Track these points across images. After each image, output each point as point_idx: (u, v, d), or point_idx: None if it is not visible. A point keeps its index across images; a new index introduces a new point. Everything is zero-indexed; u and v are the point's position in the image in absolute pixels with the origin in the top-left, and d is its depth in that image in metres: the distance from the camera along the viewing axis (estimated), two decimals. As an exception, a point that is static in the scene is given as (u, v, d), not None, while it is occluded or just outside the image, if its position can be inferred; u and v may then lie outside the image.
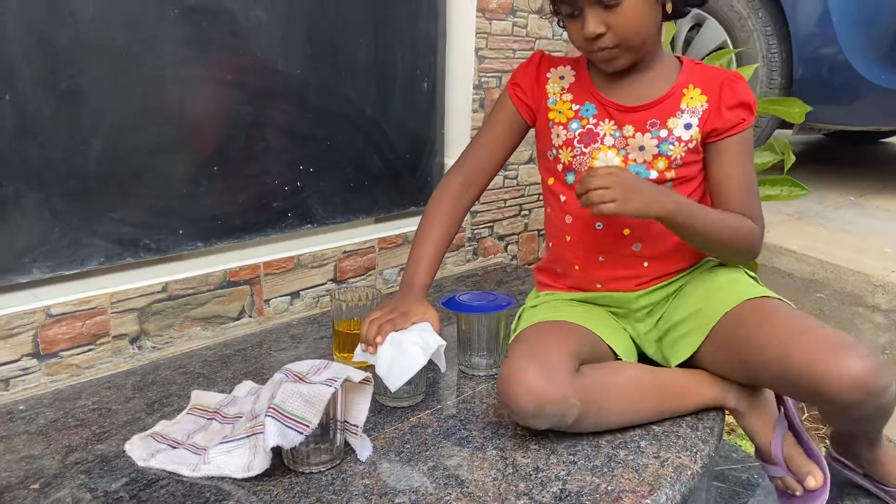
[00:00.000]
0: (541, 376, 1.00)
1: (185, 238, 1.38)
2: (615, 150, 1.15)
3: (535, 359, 1.02)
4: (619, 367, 1.14)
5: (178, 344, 1.37)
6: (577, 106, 1.17)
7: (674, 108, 1.13)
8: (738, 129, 1.12)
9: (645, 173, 1.14)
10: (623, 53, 1.08)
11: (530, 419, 1.02)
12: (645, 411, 1.10)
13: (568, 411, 1.01)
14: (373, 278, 1.70)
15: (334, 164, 1.60)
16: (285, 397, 0.95)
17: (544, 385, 0.99)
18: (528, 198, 2.03)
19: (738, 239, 1.11)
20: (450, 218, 1.24)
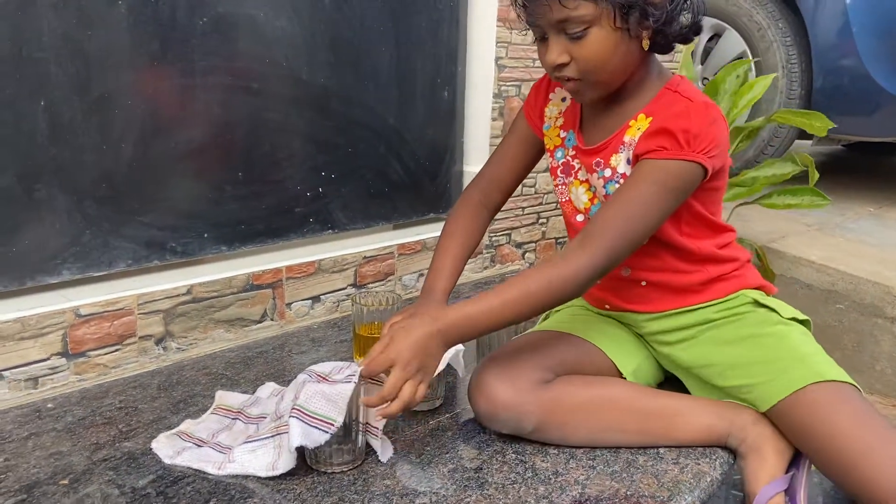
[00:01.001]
0: (498, 381, 1.03)
1: (209, 242, 1.41)
2: (586, 185, 1.13)
3: (499, 363, 1.06)
4: (591, 382, 1.08)
5: (202, 345, 1.40)
6: (564, 133, 1.15)
7: (617, 144, 1.05)
8: (655, 155, 0.96)
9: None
10: (588, 87, 1.00)
11: (486, 421, 1.07)
12: (622, 432, 1.06)
13: (523, 419, 1.03)
14: (392, 283, 1.72)
15: (355, 171, 1.63)
16: (308, 397, 0.97)
17: (500, 390, 1.03)
18: (545, 206, 2.04)
19: (541, 300, 0.98)
20: (468, 232, 1.24)
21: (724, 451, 1.07)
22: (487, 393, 1.04)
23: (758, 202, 2.14)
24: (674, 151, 0.96)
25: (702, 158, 0.96)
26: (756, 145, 2.74)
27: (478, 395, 1.05)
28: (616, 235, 0.96)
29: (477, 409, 1.07)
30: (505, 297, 0.97)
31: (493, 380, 1.04)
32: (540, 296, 0.97)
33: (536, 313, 1.01)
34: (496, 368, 1.05)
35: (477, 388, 1.06)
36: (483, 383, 1.05)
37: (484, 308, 0.97)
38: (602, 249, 0.95)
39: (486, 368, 1.06)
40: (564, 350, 1.13)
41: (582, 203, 1.16)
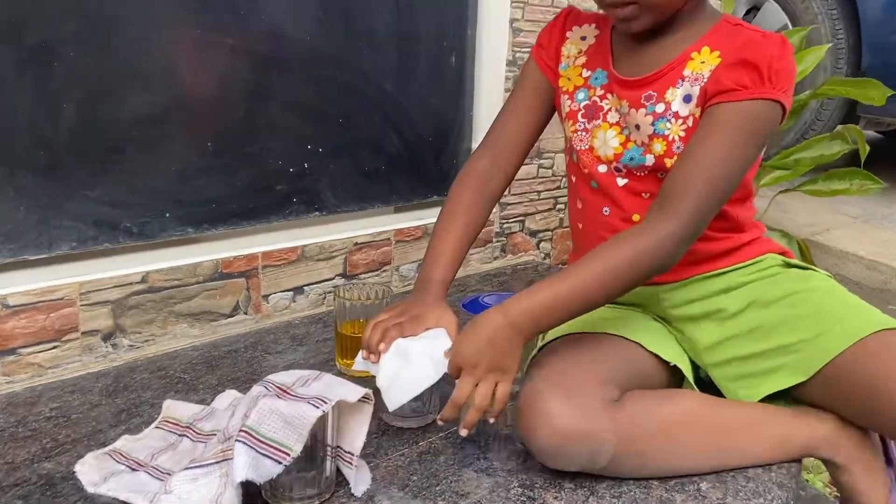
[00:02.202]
0: (565, 406, 0.81)
1: (172, 222, 1.21)
2: (617, 128, 0.98)
3: (559, 384, 0.84)
4: (669, 396, 0.92)
5: (160, 343, 1.20)
6: (588, 72, 1.01)
7: (675, 77, 0.92)
8: (734, 97, 0.85)
9: (640, 159, 0.96)
10: (643, 12, 0.89)
11: (553, 459, 0.84)
12: (700, 457, 0.89)
13: (599, 451, 0.82)
14: (388, 274, 1.52)
15: (347, 145, 1.42)
16: (261, 417, 0.77)
17: (569, 417, 0.81)
18: (564, 190, 1.82)
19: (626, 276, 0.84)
20: (474, 208, 1.06)
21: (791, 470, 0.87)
22: (551, 420, 0.81)
23: (800, 189, 1.91)
24: (755, 90, 0.85)
25: (783, 97, 0.86)
26: (798, 127, 2.50)
27: (537, 423, 0.82)
28: (702, 193, 0.84)
29: (537, 443, 0.83)
30: (584, 276, 0.84)
31: (557, 402, 0.82)
32: (625, 272, 0.83)
33: (620, 293, 0.86)
34: (556, 387, 0.83)
35: (534, 415, 0.83)
36: (544, 408, 0.82)
37: (561, 291, 0.83)
38: (689, 211, 0.83)
39: (541, 387, 0.84)
40: (613, 354, 0.93)
41: (610, 149, 0.98)
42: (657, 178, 0.96)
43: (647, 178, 0.97)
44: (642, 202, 0.98)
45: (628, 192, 0.98)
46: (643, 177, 0.97)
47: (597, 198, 1.01)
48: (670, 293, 1.02)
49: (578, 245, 1.11)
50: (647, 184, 0.97)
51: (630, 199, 0.98)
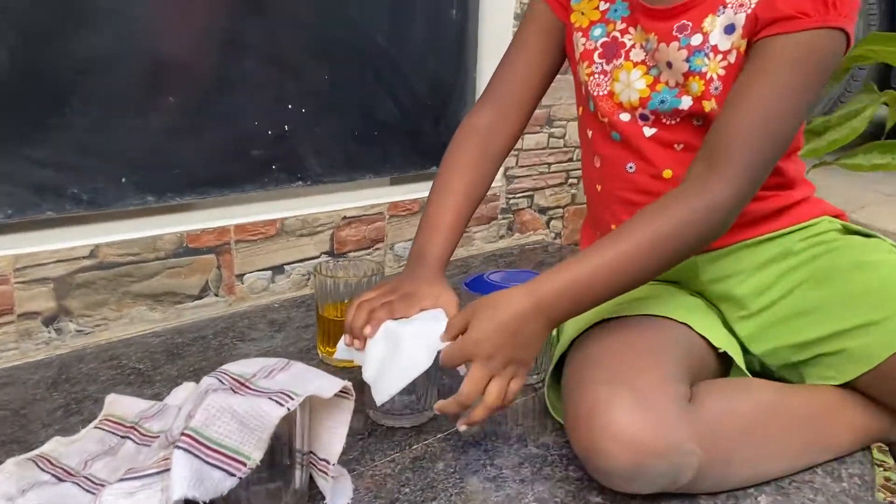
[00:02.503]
0: (637, 415, 0.64)
1: (128, 189, 1.05)
2: (643, 68, 0.82)
3: (624, 387, 0.66)
4: (742, 388, 0.76)
5: (115, 328, 1.04)
6: (606, 4, 0.86)
7: (715, 2, 0.77)
8: (792, 27, 0.71)
9: (674, 101, 0.79)
10: None
11: (627, 483, 0.67)
12: (788, 457, 0.74)
13: (683, 466, 0.66)
14: (381, 253, 1.35)
15: (334, 106, 1.26)
16: (209, 418, 0.60)
17: (644, 429, 0.64)
18: (577, 163, 1.66)
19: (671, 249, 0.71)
20: (476, 170, 0.90)
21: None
22: (624, 434, 0.64)
23: (838, 163, 1.74)
24: (817, 17, 0.70)
25: (848, 25, 0.72)
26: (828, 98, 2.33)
27: (604, 439, 0.65)
28: (757, 147, 0.70)
29: (605, 465, 0.66)
30: (623, 250, 0.70)
31: (626, 410, 0.65)
32: (671, 243, 0.70)
33: (664, 269, 0.73)
34: (621, 390, 0.66)
35: (599, 429, 0.65)
36: (612, 420, 0.65)
37: (597, 267, 0.70)
38: (743, 169, 0.70)
39: (603, 393, 0.67)
40: (668, 341, 0.76)
41: (635, 93, 0.82)
42: (692, 125, 0.80)
43: (679, 127, 0.81)
44: (675, 155, 0.82)
45: (657, 144, 0.82)
46: (675, 125, 0.81)
47: (619, 152, 0.85)
48: (711, 264, 0.86)
49: (596, 213, 0.94)
50: (679, 133, 0.81)
51: (659, 152, 0.82)
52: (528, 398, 0.90)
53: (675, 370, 0.71)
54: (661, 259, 0.71)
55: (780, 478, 0.74)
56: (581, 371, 0.73)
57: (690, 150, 0.80)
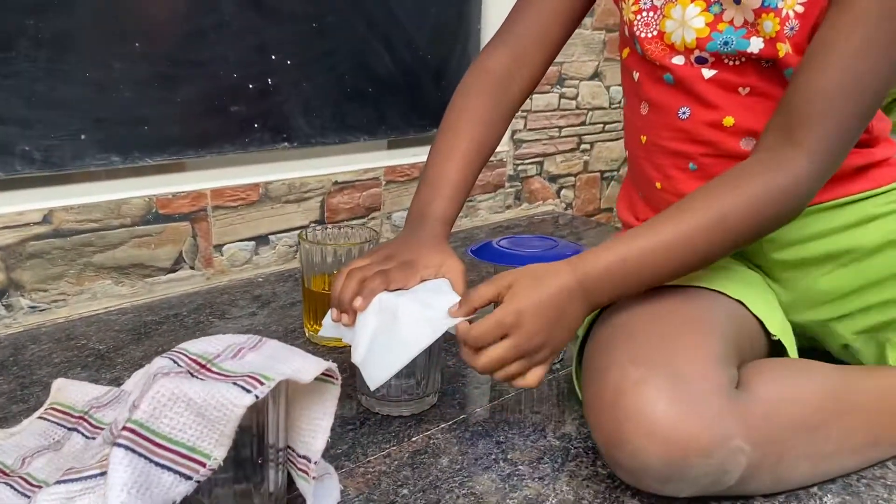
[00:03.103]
0: (678, 404, 0.53)
1: (89, 147, 0.92)
2: (702, 3, 0.69)
3: (661, 366, 0.55)
4: (801, 371, 0.64)
5: (76, 304, 0.92)
6: None
7: None
8: None
9: (741, 43, 0.66)
10: None
11: (663, 484, 0.55)
12: (851, 450, 0.62)
13: (730, 465, 0.54)
14: (377, 223, 1.23)
15: (323, 58, 1.13)
16: (158, 408, 0.49)
17: (685, 420, 0.52)
18: (590, 126, 1.53)
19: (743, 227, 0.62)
20: (487, 120, 0.78)
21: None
22: (661, 427, 0.53)
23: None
24: None
25: None
26: None
27: (634, 433, 0.54)
28: (846, 114, 0.61)
29: (635, 462, 0.54)
30: (684, 229, 0.61)
31: (665, 399, 0.53)
32: (740, 224, 0.61)
33: (728, 253, 0.64)
34: (659, 374, 0.55)
35: (630, 419, 0.54)
36: (647, 409, 0.53)
37: (651, 246, 0.61)
38: (827, 139, 0.61)
39: (636, 374, 0.55)
40: (716, 316, 0.64)
41: (691, 33, 0.68)
42: (760, 66, 0.68)
43: (745, 68, 0.68)
44: (739, 100, 0.69)
45: (718, 87, 0.69)
46: (739, 66, 0.68)
47: (671, 97, 0.72)
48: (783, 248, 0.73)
49: (638, 169, 0.80)
50: (745, 75, 0.68)
51: (721, 96, 0.69)
52: (544, 381, 0.78)
53: (722, 350, 0.59)
54: (726, 242, 0.62)
55: (846, 475, 0.63)
56: (608, 346, 0.61)
57: (758, 95, 0.68)
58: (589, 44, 1.46)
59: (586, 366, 0.64)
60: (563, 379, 0.79)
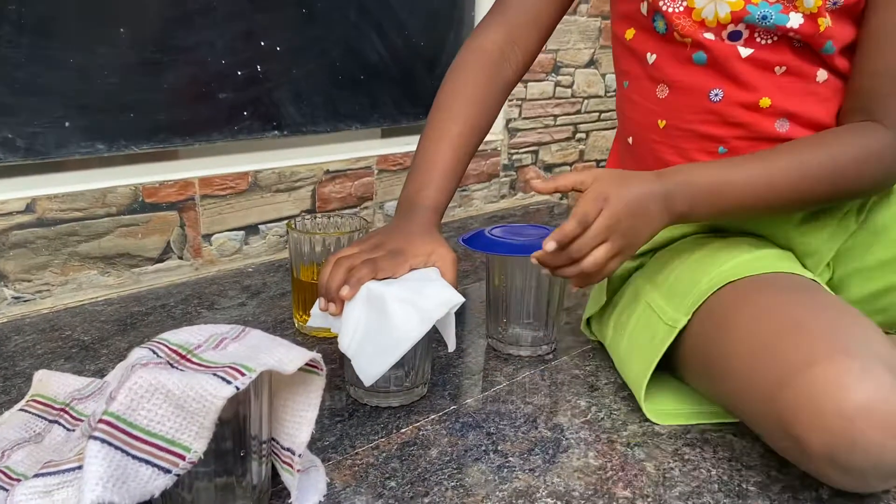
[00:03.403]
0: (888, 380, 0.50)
1: (73, 134, 0.91)
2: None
3: (876, 360, 0.51)
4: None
5: (61, 295, 0.91)
6: None
7: None
8: None
9: (779, 18, 0.64)
10: None
11: (882, 480, 0.52)
12: None
13: None
14: (369, 213, 1.22)
15: (314, 45, 1.11)
16: (136, 399, 0.47)
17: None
18: (586, 115, 1.51)
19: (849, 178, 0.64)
20: (481, 101, 0.76)
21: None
22: (878, 413, 0.49)
23: None
24: None
25: None
26: None
27: (876, 432, 0.49)
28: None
29: (878, 461, 0.49)
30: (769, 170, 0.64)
31: (891, 391, 0.50)
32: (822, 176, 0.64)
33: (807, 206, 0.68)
34: (874, 363, 0.51)
35: (864, 420, 0.49)
36: (879, 405, 0.49)
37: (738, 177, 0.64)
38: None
39: (854, 366, 0.51)
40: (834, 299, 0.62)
41: (724, 7, 0.66)
42: (794, 45, 0.66)
43: (779, 46, 0.66)
44: (775, 80, 0.67)
45: (754, 66, 0.67)
46: (773, 44, 0.66)
47: (700, 78, 0.69)
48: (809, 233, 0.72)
49: (650, 153, 0.76)
50: (781, 53, 0.67)
51: (757, 76, 0.67)
52: (535, 372, 0.77)
53: (882, 332, 0.57)
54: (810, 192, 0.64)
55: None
56: (778, 337, 0.56)
57: (793, 75, 0.67)
58: (584, 31, 1.44)
59: (738, 366, 0.59)
60: (554, 370, 0.78)
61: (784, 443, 0.54)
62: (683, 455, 0.63)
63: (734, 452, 0.63)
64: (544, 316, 0.80)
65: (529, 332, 0.80)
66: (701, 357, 0.64)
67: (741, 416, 0.61)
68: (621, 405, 0.71)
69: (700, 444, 0.65)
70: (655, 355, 0.66)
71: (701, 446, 0.64)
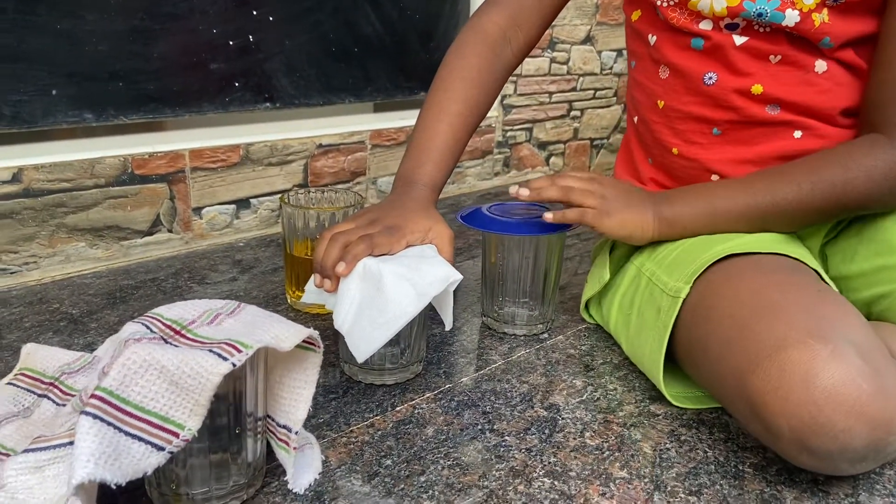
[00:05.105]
0: (873, 379, 0.50)
1: (60, 103, 0.88)
2: None
3: (849, 344, 0.51)
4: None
5: (48, 267, 0.89)
6: None
7: None
8: None
9: (775, 16, 0.64)
10: None
11: (853, 463, 0.52)
12: None
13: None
14: (362, 187, 1.20)
15: (307, 15, 1.08)
16: (129, 375, 0.46)
17: (886, 396, 0.49)
18: (581, 93, 1.50)
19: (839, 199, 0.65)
20: (482, 82, 0.76)
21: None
22: (863, 405, 0.49)
23: None
24: None
25: None
26: None
27: (844, 416, 0.49)
28: None
29: (845, 445, 0.50)
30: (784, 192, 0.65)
31: (861, 376, 0.49)
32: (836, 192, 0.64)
33: (813, 223, 0.68)
34: (846, 347, 0.51)
35: (834, 404, 0.49)
36: (849, 389, 0.49)
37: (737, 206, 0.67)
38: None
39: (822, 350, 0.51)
40: (819, 283, 0.61)
41: (720, 2, 0.66)
42: (792, 36, 0.66)
43: (775, 36, 0.67)
44: (769, 68, 0.68)
45: (749, 54, 0.68)
46: (770, 33, 0.67)
47: (696, 62, 0.70)
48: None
49: (651, 135, 0.77)
50: (776, 43, 0.67)
51: (751, 63, 0.68)
52: (531, 351, 0.77)
53: (864, 318, 0.57)
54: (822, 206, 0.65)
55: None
56: (752, 320, 0.56)
57: (788, 64, 0.66)
58: (581, 7, 1.42)
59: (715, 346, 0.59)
60: (549, 349, 0.77)
61: (755, 426, 0.54)
62: (680, 436, 0.63)
63: (730, 434, 0.64)
64: (540, 295, 0.79)
65: (525, 310, 0.80)
66: (685, 340, 0.64)
67: (718, 399, 0.61)
68: (617, 385, 0.71)
69: (696, 425, 0.64)
70: (665, 329, 0.65)
71: (697, 427, 0.64)
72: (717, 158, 0.72)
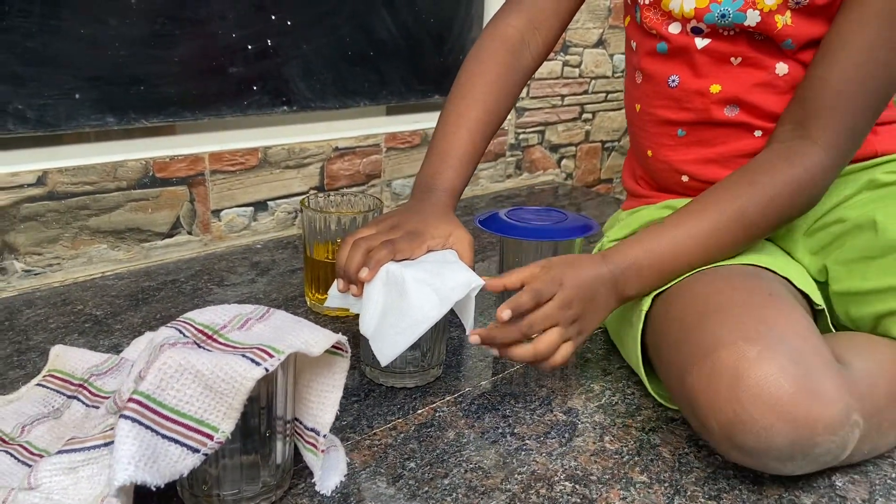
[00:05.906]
0: (800, 380, 0.51)
1: (83, 107, 0.90)
2: None
3: (776, 342, 0.53)
4: (882, 344, 0.63)
5: (71, 268, 0.90)
6: None
7: None
8: None
9: (737, 16, 0.66)
10: None
11: (781, 462, 0.53)
12: None
13: (849, 439, 0.53)
14: (377, 190, 1.21)
15: (323, 20, 1.09)
16: (165, 379, 0.47)
17: (810, 397, 0.51)
18: (593, 95, 1.50)
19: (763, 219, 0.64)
20: (501, 87, 0.77)
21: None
22: (785, 405, 0.50)
23: None
24: None
25: None
26: None
27: (761, 411, 0.51)
28: (856, 107, 0.62)
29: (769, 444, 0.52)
30: (705, 226, 0.63)
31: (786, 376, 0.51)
32: (759, 217, 0.63)
33: (755, 241, 0.66)
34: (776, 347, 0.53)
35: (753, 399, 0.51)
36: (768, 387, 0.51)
37: (676, 241, 0.63)
38: (841, 133, 0.63)
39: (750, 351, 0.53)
40: (783, 290, 0.63)
41: (690, 3, 0.68)
42: (754, 38, 0.68)
43: (738, 39, 0.69)
44: (730, 70, 0.70)
45: (709, 57, 0.70)
46: (733, 36, 0.69)
47: (662, 66, 0.73)
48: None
49: (634, 138, 0.82)
50: (738, 45, 0.69)
51: (710, 65, 0.70)
52: (549, 355, 0.78)
53: (811, 322, 0.59)
54: (748, 235, 0.64)
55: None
56: (697, 325, 0.58)
57: (749, 66, 0.69)
58: (594, 10, 1.43)
59: (666, 342, 0.61)
60: (568, 352, 0.78)
61: (693, 422, 0.58)
62: (698, 441, 0.64)
63: (747, 438, 0.64)
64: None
65: (543, 315, 0.81)
66: (652, 345, 0.66)
67: (673, 399, 0.64)
68: (634, 389, 0.72)
69: (713, 430, 0.65)
70: (635, 342, 0.68)
71: (714, 432, 0.65)
72: (683, 159, 0.75)
